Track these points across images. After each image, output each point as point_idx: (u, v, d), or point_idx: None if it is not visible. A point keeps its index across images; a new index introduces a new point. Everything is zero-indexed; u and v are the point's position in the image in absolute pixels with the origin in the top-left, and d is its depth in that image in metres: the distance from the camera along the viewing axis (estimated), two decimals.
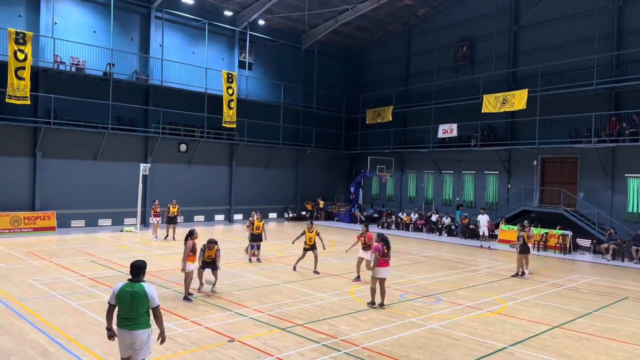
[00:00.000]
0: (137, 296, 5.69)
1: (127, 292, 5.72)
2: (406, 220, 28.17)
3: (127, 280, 5.86)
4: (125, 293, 5.72)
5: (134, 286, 5.75)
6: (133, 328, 5.66)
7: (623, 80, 21.50)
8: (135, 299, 5.68)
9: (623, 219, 21.37)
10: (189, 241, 11.11)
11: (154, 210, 21.16)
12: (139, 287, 5.75)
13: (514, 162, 25.90)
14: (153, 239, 20.54)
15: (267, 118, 29.93)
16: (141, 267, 5.93)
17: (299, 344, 8.34)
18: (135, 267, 5.89)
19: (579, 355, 8.26)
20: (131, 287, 5.75)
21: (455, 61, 29.04)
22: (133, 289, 5.72)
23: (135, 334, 5.67)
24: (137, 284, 5.77)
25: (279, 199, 31.60)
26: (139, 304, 5.68)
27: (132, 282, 5.80)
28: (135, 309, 5.67)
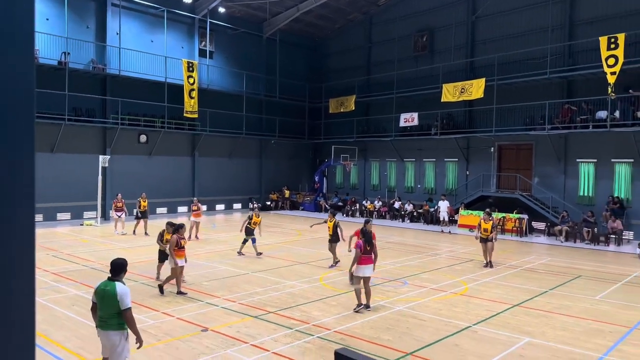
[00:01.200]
0: (107, 296, 5.48)
1: (101, 290, 5.54)
2: (370, 208, 28.65)
3: (107, 278, 5.70)
4: (100, 291, 5.55)
5: (108, 285, 5.54)
6: (104, 328, 5.51)
7: (575, 69, 22.47)
8: (106, 298, 5.48)
9: (575, 202, 22.47)
10: (174, 235, 10.88)
11: (115, 205, 20.26)
12: (111, 286, 5.51)
13: (472, 150, 26.72)
14: (115, 234, 19.77)
15: (229, 108, 29.67)
16: (120, 265, 5.69)
17: (272, 330, 8.49)
18: (114, 265, 5.68)
19: (538, 331, 8.76)
20: (105, 286, 5.55)
21: (415, 51, 29.55)
22: (106, 288, 5.52)
23: (106, 334, 5.52)
24: (111, 283, 5.53)
25: (243, 190, 31.49)
26: (109, 304, 5.47)
27: (109, 280, 5.60)
28: (106, 308, 5.49)
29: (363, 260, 9.69)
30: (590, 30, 22.28)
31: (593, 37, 21.15)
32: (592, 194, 22.24)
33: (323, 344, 7.85)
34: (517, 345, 8.00)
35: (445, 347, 7.91)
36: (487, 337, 8.39)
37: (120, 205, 20.15)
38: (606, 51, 19.75)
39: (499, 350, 7.75)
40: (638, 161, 20.67)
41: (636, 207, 20.85)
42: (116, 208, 20.17)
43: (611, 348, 7.96)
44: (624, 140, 20.66)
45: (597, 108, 21.45)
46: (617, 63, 19.47)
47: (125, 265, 5.76)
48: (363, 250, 9.70)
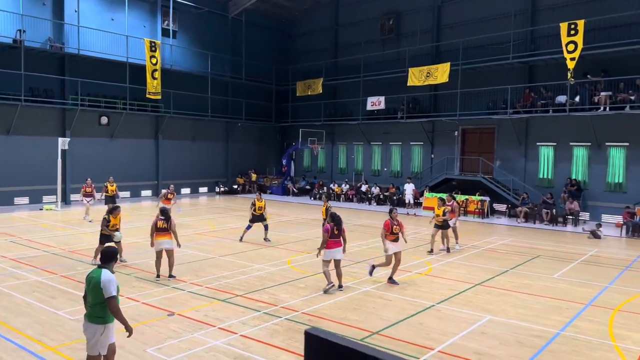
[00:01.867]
0: (92, 284, 5.21)
1: (89, 277, 5.29)
2: (337, 191, 28.82)
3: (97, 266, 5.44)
4: (88, 279, 5.30)
5: (95, 272, 5.26)
6: (85, 318, 5.29)
7: (536, 54, 22.99)
8: (91, 286, 5.22)
9: (535, 184, 23.19)
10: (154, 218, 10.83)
11: (85, 190, 19.29)
12: (97, 273, 5.23)
13: (437, 133, 27.12)
14: (85, 220, 18.53)
15: (194, 89, 29.09)
16: (110, 253, 5.43)
17: (240, 313, 8.50)
18: (103, 253, 5.43)
19: (498, 309, 9.07)
20: (92, 273, 5.29)
21: (382, 34, 29.58)
22: (92, 275, 5.25)
23: (85, 324, 5.28)
24: (97, 270, 5.27)
25: (209, 173, 31.10)
26: (93, 293, 5.21)
27: (98, 267, 5.34)
28: (92, 297, 5.23)
29: (331, 244, 9.80)
30: (552, 16, 22.79)
31: (554, 23, 21.65)
32: (551, 176, 22.99)
33: (291, 326, 7.91)
34: (479, 323, 8.26)
35: (410, 325, 8.10)
36: (451, 316, 8.63)
37: (89, 191, 19.25)
38: (566, 37, 20.26)
39: (462, 328, 7.99)
40: (595, 145, 21.44)
41: (593, 189, 21.69)
42: (85, 193, 19.28)
43: (568, 324, 8.32)
44: (582, 124, 21.36)
45: (557, 93, 22.07)
46: (576, 49, 20.02)
47: (116, 253, 5.54)
48: (330, 234, 9.78)
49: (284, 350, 6.95)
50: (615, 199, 20.97)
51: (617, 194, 21.04)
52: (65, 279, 10.57)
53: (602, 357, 6.95)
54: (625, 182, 20.89)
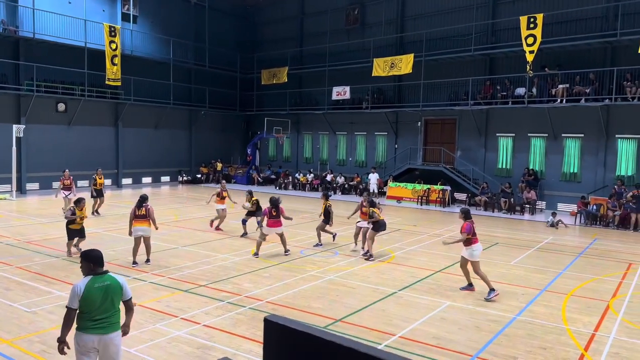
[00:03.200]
0: (112, 291, 4.69)
1: (98, 288, 4.62)
2: (303, 181, 28.85)
3: (90, 275, 4.69)
4: (96, 290, 4.61)
5: (105, 279, 4.70)
6: (107, 331, 4.67)
7: (497, 47, 23.51)
8: (110, 294, 4.67)
9: (494, 174, 23.84)
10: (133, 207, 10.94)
11: (63, 183, 17.46)
12: (110, 279, 4.74)
13: (401, 124, 27.46)
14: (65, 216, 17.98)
15: (155, 76, 28.42)
16: (101, 256, 4.88)
17: (203, 303, 8.45)
18: (100, 257, 4.82)
19: (457, 295, 9.34)
20: (101, 281, 4.68)
21: (347, 24, 29.60)
22: (105, 283, 4.68)
23: (109, 338, 4.69)
24: (107, 276, 4.74)
25: (171, 162, 30.55)
26: (114, 299, 4.72)
27: (99, 275, 4.72)
28: (109, 306, 4.69)
29: (270, 223, 11.90)
30: (512, 9, 23.33)
31: (514, 16, 22.17)
32: (510, 166, 23.67)
33: (255, 315, 7.93)
34: (439, 309, 8.49)
35: (372, 312, 8.25)
36: (412, 302, 8.84)
37: (68, 184, 17.42)
38: (526, 30, 20.79)
39: (423, 314, 8.20)
40: (552, 136, 22.18)
41: (549, 178, 22.47)
42: (64, 186, 17.43)
43: (523, 309, 8.65)
44: (539, 115, 22.04)
45: (516, 85, 22.68)
46: (535, 42, 20.58)
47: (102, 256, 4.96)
48: (269, 215, 11.89)
49: (247, 339, 6.97)
50: (570, 188, 21.80)
51: (572, 183, 21.88)
52: (21, 270, 10.24)
53: (555, 340, 7.27)
54: (580, 172, 21.73)
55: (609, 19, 20.76)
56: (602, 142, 20.97)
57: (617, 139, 20.75)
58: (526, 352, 6.78)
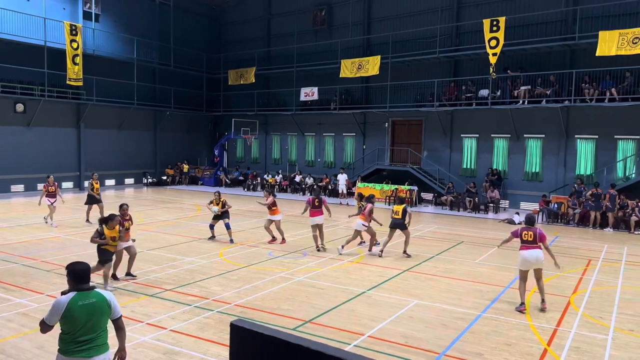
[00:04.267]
0: (98, 309, 4.21)
1: (82, 306, 4.14)
2: (271, 182, 28.69)
3: (74, 291, 4.18)
4: (81, 308, 4.13)
5: (91, 296, 4.21)
6: (93, 354, 4.20)
7: (461, 49, 23.97)
8: (96, 313, 4.20)
9: (459, 174, 24.29)
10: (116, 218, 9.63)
11: (47, 190, 16.11)
12: (97, 296, 4.25)
13: (369, 125, 27.67)
14: (52, 225, 15.70)
15: (119, 76, 27.77)
16: (88, 270, 4.37)
17: (169, 308, 8.29)
18: (85, 272, 4.29)
19: (425, 294, 9.46)
20: (86, 298, 4.18)
21: (314, 25, 29.63)
22: (90, 301, 4.19)
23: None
24: (94, 293, 4.25)
25: (136, 164, 29.91)
26: (101, 319, 4.26)
27: (84, 291, 4.21)
28: (95, 326, 4.22)
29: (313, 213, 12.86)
30: (476, 12, 23.83)
31: (478, 19, 22.65)
32: (474, 166, 24.17)
33: (223, 318, 7.83)
34: (407, 307, 8.58)
35: (341, 312, 8.27)
36: (380, 301, 8.90)
37: (52, 190, 16.08)
38: (489, 33, 21.26)
39: (391, 313, 8.27)
40: (514, 136, 22.76)
41: (512, 178, 23.05)
42: (48, 193, 16.07)
43: (488, 306, 8.83)
44: (502, 117, 22.58)
45: (480, 87, 23.17)
46: (498, 45, 21.07)
47: (89, 270, 4.43)
48: (312, 205, 12.90)
49: (215, 343, 6.87)
50: (532, 187, 22.42)
51: (534, 182, 22.50)
52: None
53: (519, 336, 7.44)
54: (542, 171, 22.37)
55: (568, 23, 21.46)
56: (562, 142, 21.65)
57: (577, 139, 21.47)
58: (491, 349, 6.92)
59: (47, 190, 16.13)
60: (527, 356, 6.71)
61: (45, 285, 9.42)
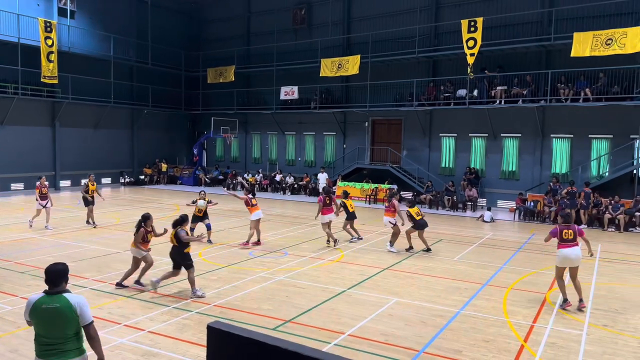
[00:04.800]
0: (60, 315, 4.05)
1: (44, 310, 4.05)
2: (251, 181, 28.55)
3: (43, 292, 4.14)
4: (42, 312, 4.05)
5: (55, 301, 4.07)
6: (58, 357, 4.09)
7: (439, 49, 24.19)
8: (58, 318, 4.06)
9: (438, 173, 24.53)
10: (141, 229, 9.42)
11: (40, 191, 15.35)
12: (62, 300, 4.08)
13: (349, 124, 27.75)
14: (47, 228, 15.04)
15: (95, 74, 27.29)
16: (61, 272, 4.21)
17: (147, 309, 8.19)
18: (53, 273, 4.16)
19: (405, 291, 9.53)
20: (50, 302, 4.07)
21: (294, 24, 29.56)
22: (53, 305, 4.06)
23: None
24: (59, 297, 4.09)
25: (113, 163, 29.43)
26: (65, 325, 4.08)
27: (51, 294, 4.11)
28: (57, 332, 4.08)
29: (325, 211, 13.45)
30: (454, 12, 24.06)
31: (456, 19, 22.88)
32: (453, 165, 24.43)
33: (202, 319, 7.76)
34: (387, 305, 8.63)
35: (322, 311, 8.27)
36: (360, 300, 8.93)
37: (45, 192, 15.41)
38: (467, 33, 21.50)
39: (371, 311, 8.30)
40: (492, 136, 23.07)
41: (489, 177, 23.36)
42: (41, 195, 15.33)
43: (467, 303, 8.93)
44: (480, 116, 22.87)
45: (458, 87, 23.43)
46: (475, 45, 21.32)
47: (66, 271, 4.29)
48: (324, 203, 13.46)
49: (194, 344, 6.81)
50: (509, 186, 22.76)
51: (510, 181, 22.84)
52: None
53: (497, 332, 7.55)
54: (518, 170, 22.73)
55: (543, 24, 21.82)
56: (539, 141, 22.03)
57: (552, 138, 21.86)
58: (470, 345, 7.00)
59: (40, 191, 15.35)
60: (504, 352, 6.81)
61: (19, 287, 9.22)
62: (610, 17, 20.14)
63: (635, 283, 10.65)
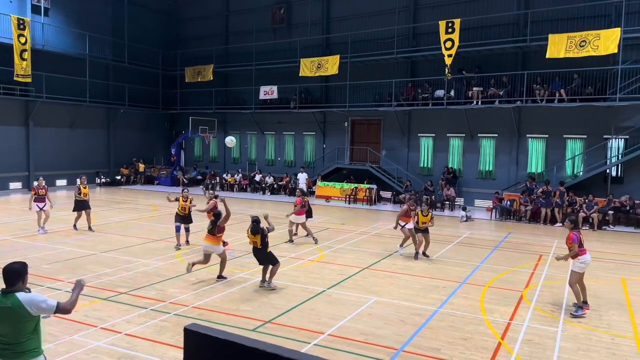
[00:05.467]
0: (12, 314, 4.01)
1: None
2: (230, 181, 28.38)
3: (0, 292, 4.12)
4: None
5: (7, 299, 4.03)
6: (12, 358, 4.06)
7: (417, 50, 24.39)
8: (9, 317, 4.02)
9: (417, 172, 24.73)
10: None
11: (37, 192, 14.57)
12: (13, 300, 4.02)
13: (329, 124, 27.77)
14: (39, 233, 14.34)
15: (70, 72, 26.75)
16: (17, 271, 4.15)
17: (124, 311, 8.07)
18: (8, 272, 4.12)
19: (384, 290, 9.58)
20: (4, 300, 4.03)
21: (273, 23, 29.45)
22: (6, 304, 4.02)
23: None
24: (11, 296, 4.04)
25: (88, 163, 28.86)
26: (15, 323, 4.03)
27: (5, 293, 4.07)
28: (11, 332, 4.04)
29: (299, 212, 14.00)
30: (432, 14, 24.28)
31: (434, 20, 23.10)
32: (431, 165, 24.66)
33: (180, 321, 7.67)
34: (366, 305, 8.66)
35: (301, 312, 8.26)
36: (340, 299, 8.95)
37: (43, 193, 14.62)
38: (444, 34, 21.72)
39: (351, 311, 8.32)
40: (469, 136, 23.35)
41: (467, 176, 23.64)
42: (38, 197, 14.55)
43: (445, 301, 9.02)
44: (457, 117, 23.13)
45: (436, 87, 23.65)
46: (453, 46, 21.56)
47: (22, 271, 4.20)
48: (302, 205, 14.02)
49: (172, 346, 6.73)
50: (486, 185, 23.07)
51: (487, 180, 23.16)
52: None
53: (475, 330, 7.64)
54: (495, 169, 23.06)
55: (520, 26, 22.18)
56: (515, 141, 22.39)
57: (528, 138, 22.24)
58: (448, 343, 7.08)
59: (36, 193, 14.57)
60: (482, 350, 6.90)
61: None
62: (584, 20, 20.58)
63: (609, 280, 10.91)
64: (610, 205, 18.47)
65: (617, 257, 13.35)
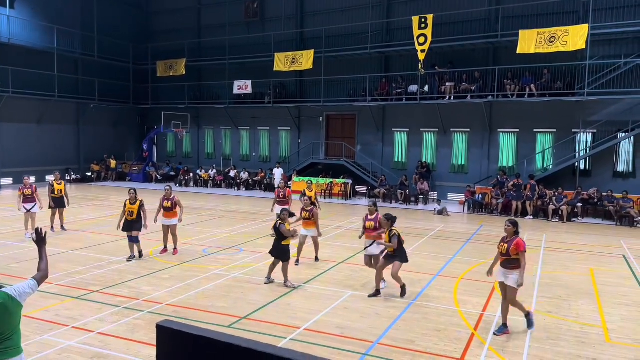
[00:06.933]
0: (5, 309, 3.87)
1: None
2: (205, 177, 28.09)
3: None
4: None
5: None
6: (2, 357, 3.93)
7: (391, 45, 24.53)
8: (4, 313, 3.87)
9: (391, 167, 24.93)
10: None
11: (23, 192, 13.32)
12: (1, 296, 3.87)
13: (304, 119, 27.73)
14: (26, 237, 13.18)
15: (37, 66, 26.01)
16: None
17: (96, 310, 7.92)
18: None
19: (359, 285, 9.64)
20: None
21: (247, 17, 29.18)
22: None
23: None
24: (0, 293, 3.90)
25: (58, 160, 28.15)
26: (6, 319, 3.89)
27: None
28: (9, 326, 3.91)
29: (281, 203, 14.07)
30: (405, 9, 24.44)
31: (407, 16, 23.26)
32: (405, 159, 24.90)
33: (154, 319, 7.57)
34: (342, 299, 8.71)
35: (278, 307, 8.25)
36: (316, 294, 8.97)
37: (29, 193, 13.36)
38: (417, 30, 21.89)
39: (327, 305, 8.35)
40: (442, 130, 23.64)
41: (440, 170, 23.95)
42: (25, 197, 13.33)
43: (419, 294, 9.14)
44: (430, 112, 23.38)
45: (410, 82, 23.84)
46: (426, 42, 21.75)
47: None
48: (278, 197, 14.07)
49: (146, 344, 6.64)
50: (458, 179, 23.42)
51: (460, 174, 23.52)
52: None
53: (448, 321, 7.76)
54: (467, 164, 23.42)
55: (491, 22, 22.52)
56: (486, 135, 22.77)
57: (499, 132, 22.65)
58: (422, 335, 7.17)
59: (22, 193, 13.30)
60: (455, 341, 7.02)
61: None
62: (554, 16, 21.02)
63: (578, 271, 11.21)
64: (578, 197, 18.97)
65: (585, 248, 13.73)
